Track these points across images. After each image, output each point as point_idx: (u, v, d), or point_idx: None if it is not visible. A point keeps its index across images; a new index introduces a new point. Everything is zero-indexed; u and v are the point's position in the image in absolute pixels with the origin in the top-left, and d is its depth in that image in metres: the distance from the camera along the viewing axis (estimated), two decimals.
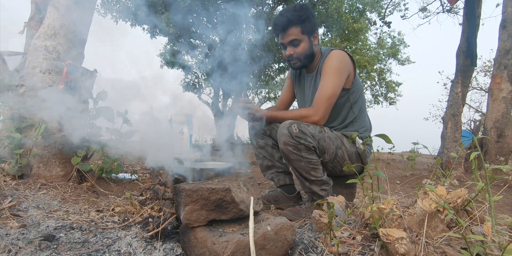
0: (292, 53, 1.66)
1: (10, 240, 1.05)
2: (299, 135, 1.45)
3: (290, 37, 1.63)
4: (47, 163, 1.71)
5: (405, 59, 10.89)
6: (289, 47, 1.66)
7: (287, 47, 1.67)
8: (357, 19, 7.51)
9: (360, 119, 1.75)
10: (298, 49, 1.65)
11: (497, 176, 1.25)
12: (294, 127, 1.46)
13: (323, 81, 1.61)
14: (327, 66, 1.62)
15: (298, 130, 1.46)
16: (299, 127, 1.47)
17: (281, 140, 1.48)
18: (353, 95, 1.71)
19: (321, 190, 1.56)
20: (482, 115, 10.28)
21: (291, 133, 1.45)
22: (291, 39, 1.63)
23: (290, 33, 1.62)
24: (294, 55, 1.67)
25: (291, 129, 1.46)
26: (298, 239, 1.15)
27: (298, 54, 1.67)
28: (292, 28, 1.61)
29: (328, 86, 1.58)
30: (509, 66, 3.52)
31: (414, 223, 1.12)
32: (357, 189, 2.00)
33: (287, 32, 1.62)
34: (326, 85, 1.58)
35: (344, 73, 1.62)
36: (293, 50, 1.66)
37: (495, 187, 2.88)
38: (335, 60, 1.62)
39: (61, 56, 1.79)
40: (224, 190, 1.02)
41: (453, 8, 6.77)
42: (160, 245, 1.10)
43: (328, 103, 1.58)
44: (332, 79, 1.59)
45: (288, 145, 1.47)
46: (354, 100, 1.72)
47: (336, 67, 1.60)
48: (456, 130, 3.69)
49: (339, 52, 1.65)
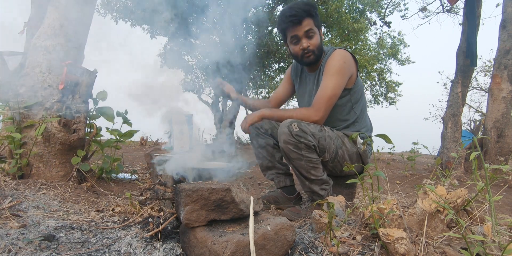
0: (308, 45, 1.62)
1: (10, 240, 1.05)
2: (299, 133, 1.45)
3: (306, 28, 1.60)
4: (47, 163, 1.71)
5: (405, 59, 10.88)
6: (305, 39, 1.62)
7: (301, 40, 1.63)
8: (357, 19, 7.51)
9: (361, 119, 1.75)
10: (313, 40, 1.63)
11: (497, 176, 1.25)
12: (294, 125, 1.46)
13: (324, 81, 1.59)
14: (329, 65, 1.61)
15: (299, 128, 1.46)
16: (300, 126, 1.47)
17: (282, 138, 1.49)
18: (354, 95, 1.70)
19: (321, 189, 1.56)
20: (482, 115, 10.28)
21: (291, 131, 1.45)
22: (307, 30, 1.60)
23: (305, 24, 1.59)
24: (310, 47, 1.63)
25: (291, 128, 1.46)
26: (298, 239, 1.15)
27: (314, 46, 1.63)
28: (306, 19, 1.59)
29: (329, 86, 1.57)
30: (509, 66, 3.52)
31: (414, 223, 1.12)
32: (357, 189, 2.00)
33: (302, 23, 1.59)
34: (327, 85, 1.57)
35: (346, 74, 1.61)
36: (309, 42, 1.62)
37: (495, 187, 2.88)
38: (338, 59, 1.60)
39: (61, 56, 1.79)
40: (224, 190, 1.02)
41: (453, 8, 6.77)
42: (160, 245, 1.10)
43: (328, 104, 1.57)
44: (334, 79, 1.58)
45: (289, 144, 1.47)
46: (355, 100, 1.71)
47: (339, 67, 1.59)
48: (456, 130, 3.69)
49: (342, 51, 1.64)
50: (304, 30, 1.60)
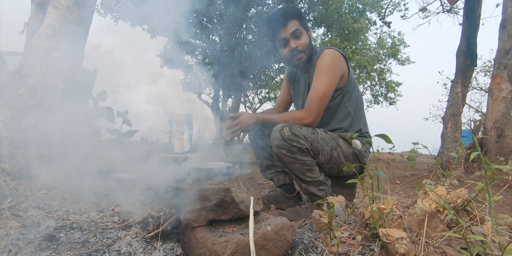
0: (296, 45, 1.63)
1: (10, 240, 1.05)
2: (291, 137, 1.45)
3: (292, 29, 1.60)
4: (47, 163, 1.71)
5: (405, 59, 10.88)
6: (292, 40, 1.62)
7: (289, 42, 1.63)
8: (357, 19, 7.50)
9: (356, 119, 1.72)
10: (302, 40, 1.63)
11: (497, 176, 1.25)
12: (286, 130, 1.45)
13: (315, 82, 1.59)
14: (319, 66, 1.61)
15: (290, 133, 1.45)
16: (291, 130, 1.46)
17: (274, 143, 1.48)
18: (347, 95, 1.69)
19: (318, 190, 1.55)
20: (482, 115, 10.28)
21: (283, 136, 1.44)
22: (293, 30, 1.60)
23: (291, 25, 1.60)
24: (299, 48, 1.63)
25: (283, 132, 1.45)
26: (298, 239, 1.15)
27: (303, 46, 1.63)
28: (292, 21, 1.60)
29: (319, 87, 1.57)
30: (509, 66, 3.52)
31: (414, 223, 1.12)
32: (357, 189, 2.00)
33: (287, 25, 1.60)
34: (318, 86, 1.57)
35: (337, 73, 1.60)
36: (297, 42, 1.62)
37: (495, 187, 2.88)
38: (327, 59, 1.60)
39: (61, 56, 1.79)
40: (224, 190, 1.02)
41: (453, 8, 6.77)
42: (160, 245, 1.10)
43: (320, 104, 1.57)
44: (323, 79, 1.57)
45: (281, 148, 1.46)
46: (348, 99, 1.69)
47: (328, 66, 1.58)
48: (456, 130, 3.69)
49: (331, 51, 1.63)
50: (291, 32, 1.61)
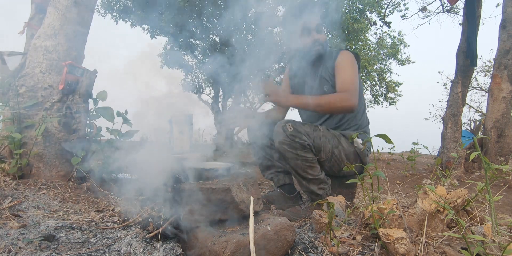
0: (318, 37, 1.73)
1: (10, 240, 1.05)
2: (293, 133, 1.47)
3: (317, 21, 1.71)
4: (47, 163, 1.71)
5: (405, 59, 10.87)
6: (314, 32, 1.72)
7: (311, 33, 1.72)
8: (357, 19, 7.50)
9: (358, 119, 1.77)
10: (322, 35, 1.74)
11: (497, 176, 1.25)
12: (289, 126, 1.48)
13: (342, 73, 1.66)
14: (343, 61, 1.69)
15: (293, 128, 1.48)
16: (294, 126, 1.49)
17: (277, 139, 1.51)
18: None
19: (319, 188, 1.56)
20: (482, 115, 10.28)
21: (286, 132, 1.48)
22: (318, 24, 1.71)
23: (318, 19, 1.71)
24: (321, 40, 1.74)
25: (285, 128, 1.48)
26: (298, 239, 1.15)
27: (323, 39, 1.74)
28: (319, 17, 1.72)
29: (349, 75, 1.64)
30: (509, 66, 3.52)
31: (414, 223, 1.12)
32: (357, 189, 2.00)
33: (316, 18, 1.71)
34: (347, 74, 1.64)
35: (357, 69, 1.70)
36: (318, 35, 1.73)
37: (495, 187, 2.88)
38: (350, 56, 1.71)
39: (61, 56, 1.79)
40: (224, 190, 1.02)
41: (453, 8, 6.77)
42: (160, 245, 1.10)
43: (356, 88, 1.61)
44: (351, 70, 1.66)
45: (284, 144, 1.49)
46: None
47: (351, 61, 1.70)
48: (456, 130, 3.69)
49: (348, 51, 1.75)
50: (316, 23, 1.71)
